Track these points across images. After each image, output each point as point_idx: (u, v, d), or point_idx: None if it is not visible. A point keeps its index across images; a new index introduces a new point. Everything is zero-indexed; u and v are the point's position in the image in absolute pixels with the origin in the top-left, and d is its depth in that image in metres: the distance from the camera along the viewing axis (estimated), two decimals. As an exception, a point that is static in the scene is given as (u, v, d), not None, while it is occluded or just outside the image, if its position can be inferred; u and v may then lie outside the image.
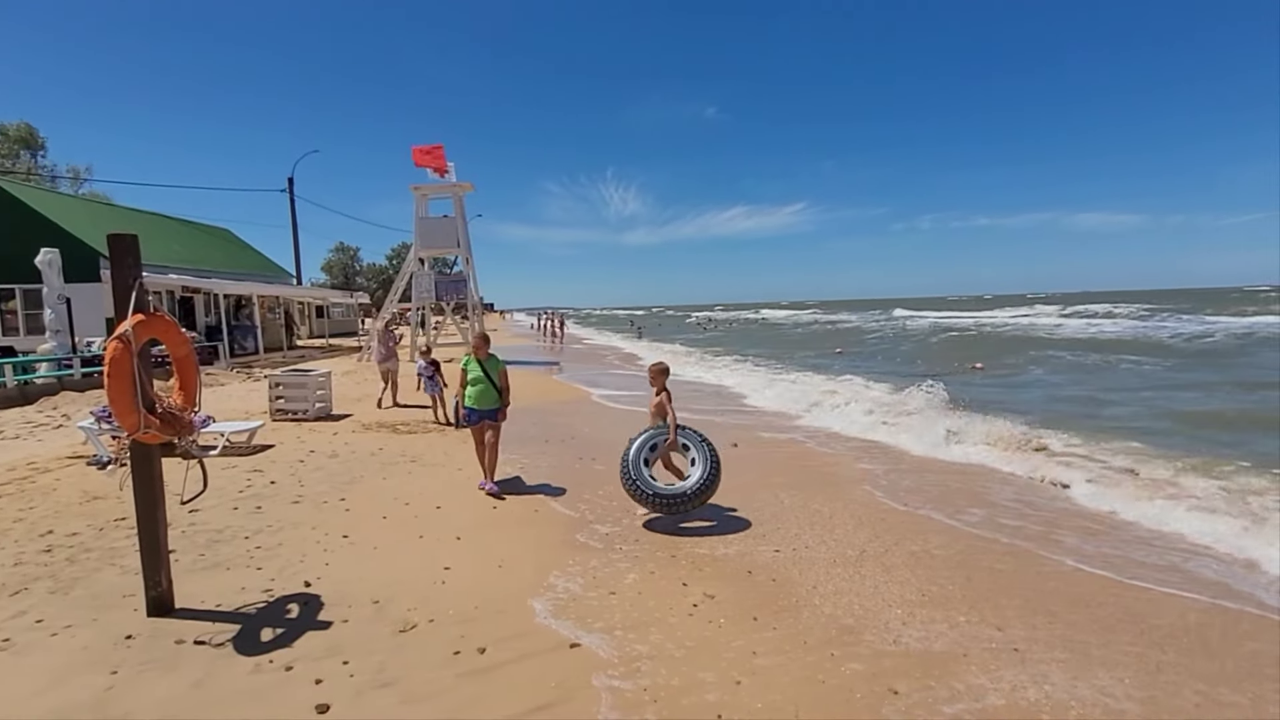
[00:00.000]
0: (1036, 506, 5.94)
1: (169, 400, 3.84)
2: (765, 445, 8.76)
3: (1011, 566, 4.59)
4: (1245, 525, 5.10)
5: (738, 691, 3.08)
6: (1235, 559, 4.67)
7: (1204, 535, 5.05)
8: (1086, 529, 5.33)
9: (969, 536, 5.20)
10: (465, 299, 22.01)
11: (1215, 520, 5.24)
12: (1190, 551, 4.83)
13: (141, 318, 3.57)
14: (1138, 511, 5.65)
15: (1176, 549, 4.88)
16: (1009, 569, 4.54)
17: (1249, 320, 32.69)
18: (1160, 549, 4.88)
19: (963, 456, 7.82)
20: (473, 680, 3.18)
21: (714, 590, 4.20)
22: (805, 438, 9.20)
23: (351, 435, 9.29)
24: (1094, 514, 5.74)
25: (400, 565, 4.59)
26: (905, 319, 50.08)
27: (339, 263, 63.83)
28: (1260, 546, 4.75)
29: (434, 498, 6.21)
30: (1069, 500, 6.16)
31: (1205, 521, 5.25)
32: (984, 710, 2.94)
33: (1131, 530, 5.32)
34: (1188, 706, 2.98)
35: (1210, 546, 4.90)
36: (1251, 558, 4.65)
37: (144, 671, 3.21)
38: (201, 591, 4.09)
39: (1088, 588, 4.24)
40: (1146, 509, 5.66)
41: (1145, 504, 5.76)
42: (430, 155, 20.77)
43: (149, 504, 3.75)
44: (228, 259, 29.59)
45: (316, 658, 3.34)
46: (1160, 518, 5.45)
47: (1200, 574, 4.43)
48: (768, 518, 5.63)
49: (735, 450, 8.28)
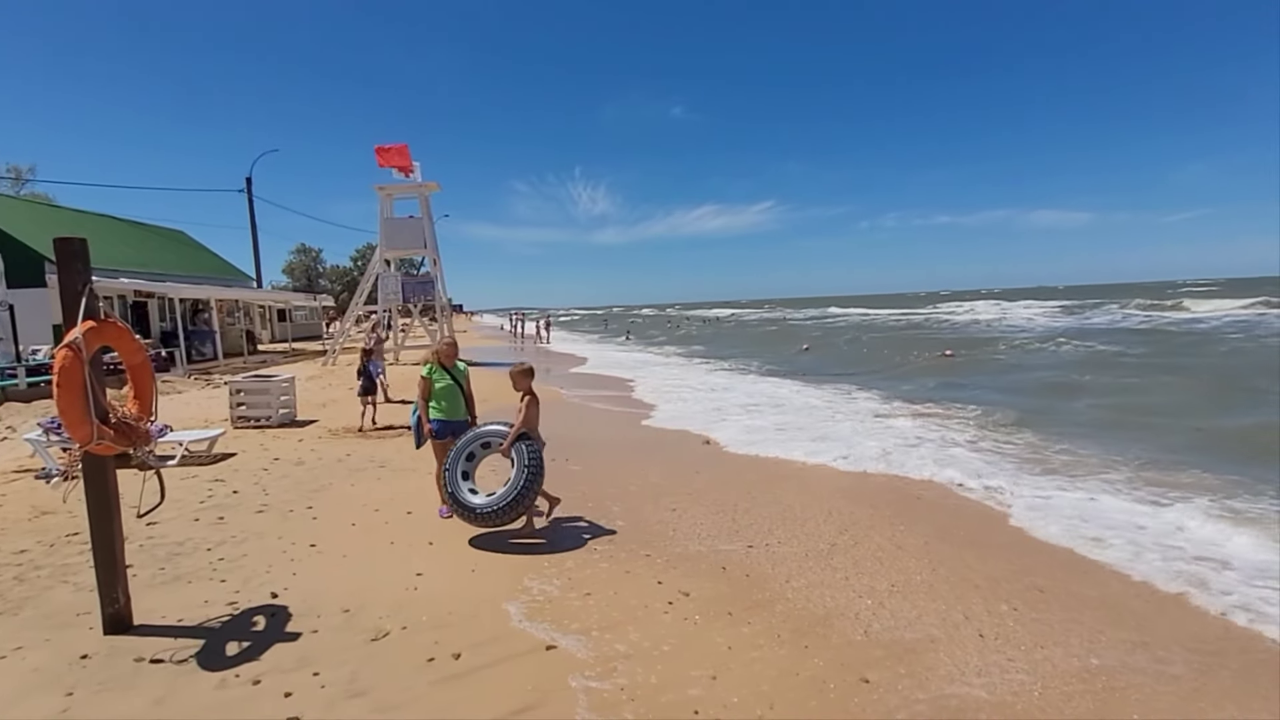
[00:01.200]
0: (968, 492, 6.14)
1: (123, 410, 3.70)
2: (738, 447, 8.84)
3: (975, 556, 4.73)
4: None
5: (713, 687, 3.11)
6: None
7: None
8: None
9: (935, 527, 5.33)
10: (433, 300, 21.69)
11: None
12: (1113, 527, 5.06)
13: (93, 324, 3.43)
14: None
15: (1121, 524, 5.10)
16: (972, 558, 4.68)
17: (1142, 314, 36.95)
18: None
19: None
20: (447, 686, 3.14)
21: (689, 588, 4.23)
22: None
23: (318, 442, 9.08)
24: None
25: (371, 573, 4.51)
26: (861, 317, 51.83)
27: (301, 265, 62.17)
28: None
29: (404, 503, 6.11)
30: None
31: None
32: (953, 696, 3.03)
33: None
34: (1143, 682, 3.12)
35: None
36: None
37: (101, 692, 3.10)
38: (162, 607, 3.95)
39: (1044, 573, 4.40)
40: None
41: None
42: (394, 155, 20.41)
43: (104, 517, 3.61)
44: (183, 262, 28.62)
45: (286, 670, 3.26)
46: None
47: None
48: (740, 514, 5.69)
49: (707, 448, 8.35)
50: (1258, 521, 5.22)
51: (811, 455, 7.80)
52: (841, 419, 10.23)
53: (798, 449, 8.09)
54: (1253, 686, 3.10)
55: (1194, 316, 34.35)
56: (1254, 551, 4.64)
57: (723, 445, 8.61)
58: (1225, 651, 3.42)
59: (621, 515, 5.69)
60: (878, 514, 5.68)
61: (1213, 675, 3.19)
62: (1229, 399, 11.21)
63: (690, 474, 7.13)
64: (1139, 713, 2.90)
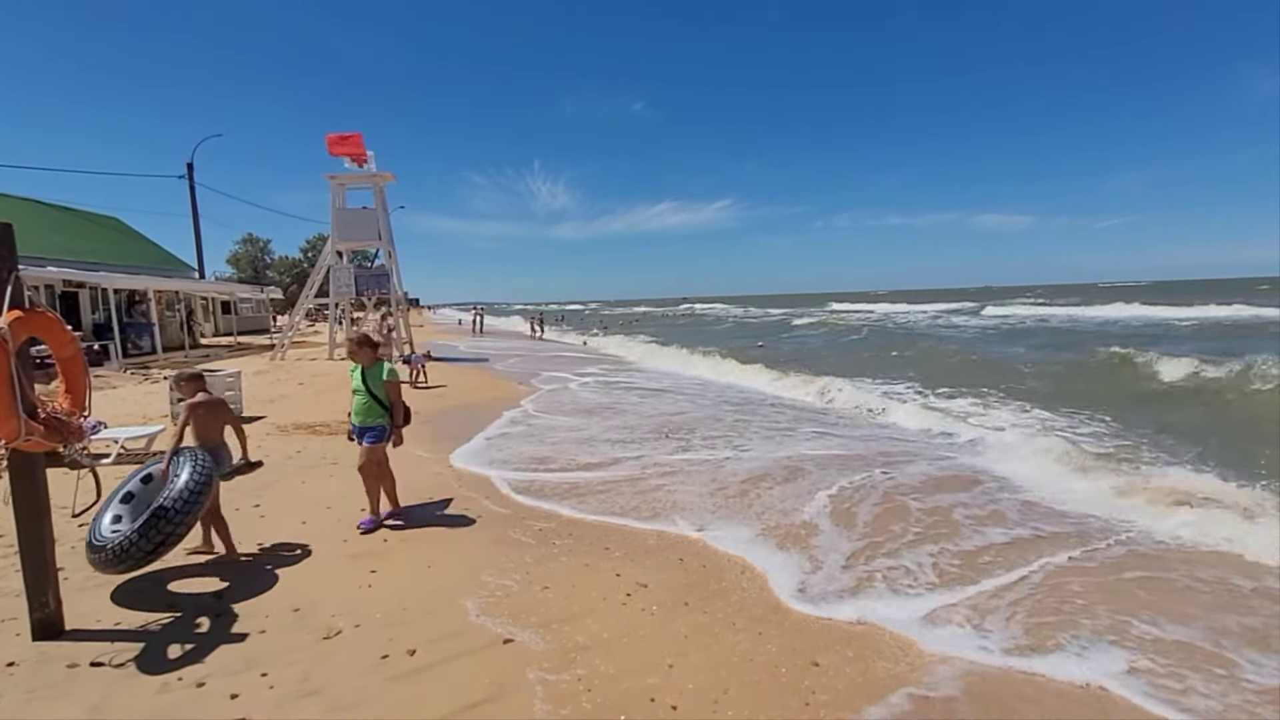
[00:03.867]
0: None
1: (54, 405, 3.52)
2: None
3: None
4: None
5: (669, 674, 3.17)
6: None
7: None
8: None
9: (888, 501, 5.54)
10: (388, 294, 21.14)
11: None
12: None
13: (19, 314, 3.25)
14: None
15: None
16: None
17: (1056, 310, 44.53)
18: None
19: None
20: (403, 683, 3.11)
21: (646, 579, 4.28)
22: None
23: (265, 438, 8.77)
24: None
25: (322, 571, 4.41)
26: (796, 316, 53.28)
27: (247, 255, 59.59)
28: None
29: (358, 500, 5.93)
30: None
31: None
32: (899, 675, 3.17)
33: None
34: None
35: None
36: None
37: (32, 700, 2.95)
38: (96, 611, 3.78)
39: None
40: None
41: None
42: (346, 144, 19.76)
43: (33, 518, 3.42)
44: (118, 251, 27.15)
45: (232, 671, 3.17)
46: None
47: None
48: (702, 504, 5.78)
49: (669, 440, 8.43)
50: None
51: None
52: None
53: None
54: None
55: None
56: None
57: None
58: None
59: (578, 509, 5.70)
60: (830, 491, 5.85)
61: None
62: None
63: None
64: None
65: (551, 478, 6.82)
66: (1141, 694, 3.00)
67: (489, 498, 6.11)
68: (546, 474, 6.95)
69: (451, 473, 7.01)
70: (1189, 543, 4.78)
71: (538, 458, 7.64)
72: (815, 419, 10.06)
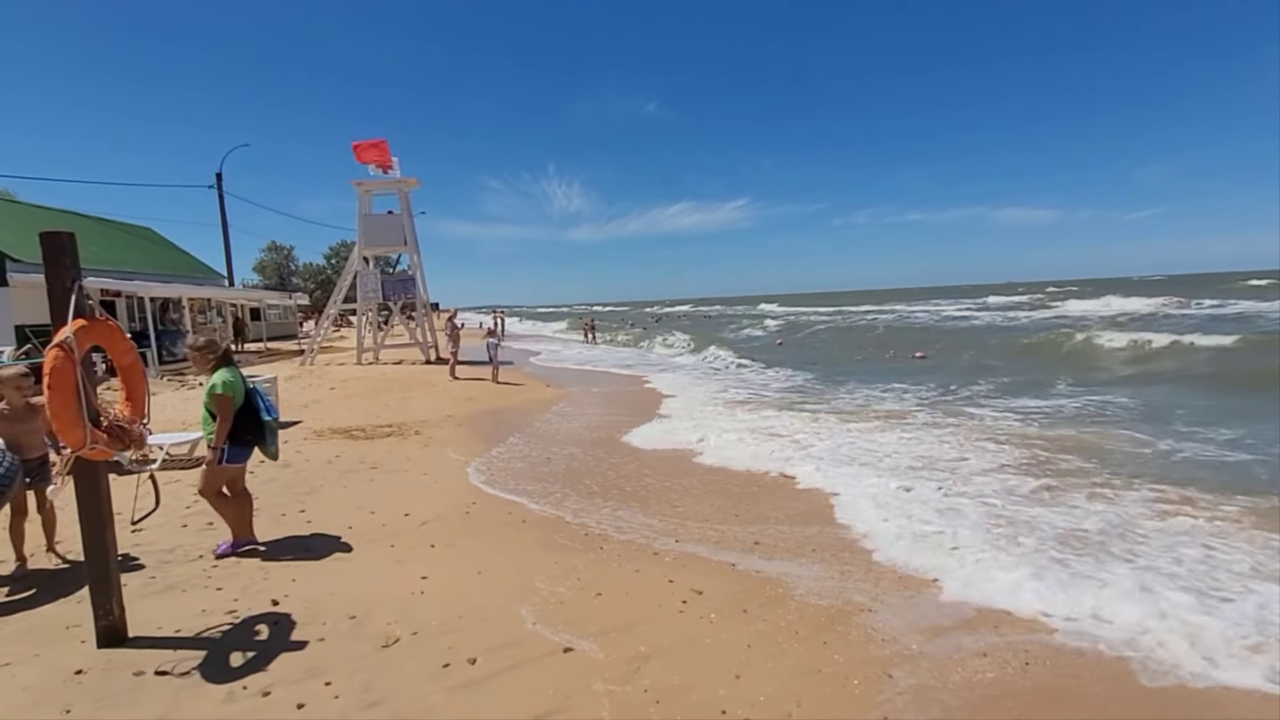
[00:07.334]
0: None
1: (115, 412, 3.54)
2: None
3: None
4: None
5: (738, 685, 3.08)
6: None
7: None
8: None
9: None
10: (414, 299, 21.33)
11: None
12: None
13: (83, 323, 3.27)
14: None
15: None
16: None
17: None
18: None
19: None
20: (466, 693, 3.06)
21: (700, 585, 4.19)
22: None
23: (303, 443, 8.84)
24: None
25: (373, 577, 4.39)
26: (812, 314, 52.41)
27: (272, 262, 60.68)
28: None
29: (400, 505, 5.98)
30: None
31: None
32: (979, 684, 3.04)
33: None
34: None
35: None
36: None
37: (101, 708, 2.95)
38: (157, 618, 3.79)
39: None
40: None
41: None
42: (373, 150, 19.99)
43: (96, 526, 3.44)
44: (151, 260, 27.74)
45: (295, 680, 3.14)
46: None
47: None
48: (742, 509, 5.68)
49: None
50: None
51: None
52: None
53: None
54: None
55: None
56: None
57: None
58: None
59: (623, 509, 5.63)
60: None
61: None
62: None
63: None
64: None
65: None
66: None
67: (532, 501, 6.07)
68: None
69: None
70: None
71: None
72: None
